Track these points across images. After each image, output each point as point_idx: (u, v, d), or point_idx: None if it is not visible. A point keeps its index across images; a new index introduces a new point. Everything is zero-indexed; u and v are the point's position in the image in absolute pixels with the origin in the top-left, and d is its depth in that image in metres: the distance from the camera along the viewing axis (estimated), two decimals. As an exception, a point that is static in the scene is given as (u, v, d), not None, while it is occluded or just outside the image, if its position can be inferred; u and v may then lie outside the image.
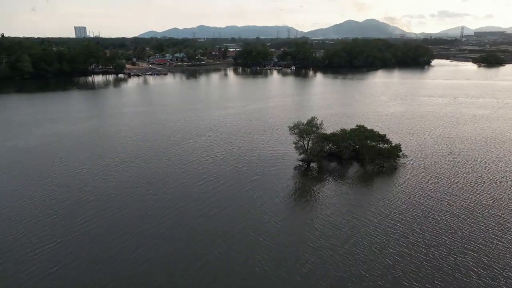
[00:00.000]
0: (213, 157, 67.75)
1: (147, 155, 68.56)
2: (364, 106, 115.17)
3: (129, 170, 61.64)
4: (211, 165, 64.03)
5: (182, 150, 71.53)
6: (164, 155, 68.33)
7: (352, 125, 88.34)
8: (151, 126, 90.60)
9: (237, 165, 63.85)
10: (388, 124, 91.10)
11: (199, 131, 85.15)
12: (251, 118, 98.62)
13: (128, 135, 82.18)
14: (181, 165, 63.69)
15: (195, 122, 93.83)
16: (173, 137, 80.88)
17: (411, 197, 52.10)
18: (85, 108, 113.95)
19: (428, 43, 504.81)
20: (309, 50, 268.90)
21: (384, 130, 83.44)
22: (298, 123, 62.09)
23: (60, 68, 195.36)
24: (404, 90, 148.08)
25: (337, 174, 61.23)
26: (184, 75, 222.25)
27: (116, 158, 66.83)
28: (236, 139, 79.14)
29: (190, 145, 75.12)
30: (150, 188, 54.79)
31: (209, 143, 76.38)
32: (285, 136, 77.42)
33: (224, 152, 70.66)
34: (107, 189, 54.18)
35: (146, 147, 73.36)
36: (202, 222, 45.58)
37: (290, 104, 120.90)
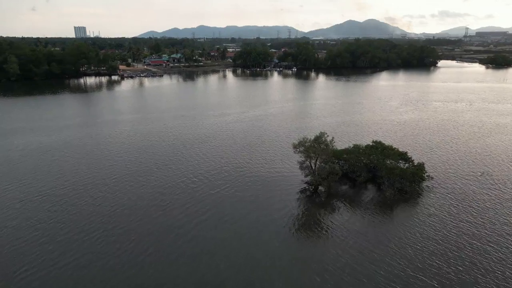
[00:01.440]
0: (203, 176, 57.68)
1: (121, 180, 58.45)
2: (374, 113, 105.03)
3: (92, 199, 51.58)
4: (200, 186, 54.02)
5: (167, 169, 61.43)
6: (144, 178, 58.14)
7: (363, 137, 79.52)
8: (133, 138, 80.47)
9: (230, 188, 53.83)
10: (402, 136, 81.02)
11: (189, 144, 74.99)
12: (249, 127, 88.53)
13: (104, 150, 72.02)
14: (163, 189, 53.68)
15: (185, 133, 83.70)
16: (158, 152, 70.66)
17: (441, 233, 42.15)
18: (67, 115, 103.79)
19: (431, 43, 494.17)
20: (311, 51, 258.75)
21: (399, 143, 73.60)
22: (304, 140, 52.00)
23: (49, 70, 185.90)
24: (415, 94, 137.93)
25: (349, 200, 51.24)
26: (181, 77, 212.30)
27: (79, 184, 56.69)
28: (231, 153, 69.00)
29: (176, 161, 64.99)
30: (121, 228, 44.81)
31: (199, 158, 66.23)
32: (287, 150, 67.61)
33: (216, 170, 60.59)
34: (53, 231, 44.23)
35: (121, 168, 63.23)
36: (184, 264, 35.73)
37: (292, 110, 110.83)
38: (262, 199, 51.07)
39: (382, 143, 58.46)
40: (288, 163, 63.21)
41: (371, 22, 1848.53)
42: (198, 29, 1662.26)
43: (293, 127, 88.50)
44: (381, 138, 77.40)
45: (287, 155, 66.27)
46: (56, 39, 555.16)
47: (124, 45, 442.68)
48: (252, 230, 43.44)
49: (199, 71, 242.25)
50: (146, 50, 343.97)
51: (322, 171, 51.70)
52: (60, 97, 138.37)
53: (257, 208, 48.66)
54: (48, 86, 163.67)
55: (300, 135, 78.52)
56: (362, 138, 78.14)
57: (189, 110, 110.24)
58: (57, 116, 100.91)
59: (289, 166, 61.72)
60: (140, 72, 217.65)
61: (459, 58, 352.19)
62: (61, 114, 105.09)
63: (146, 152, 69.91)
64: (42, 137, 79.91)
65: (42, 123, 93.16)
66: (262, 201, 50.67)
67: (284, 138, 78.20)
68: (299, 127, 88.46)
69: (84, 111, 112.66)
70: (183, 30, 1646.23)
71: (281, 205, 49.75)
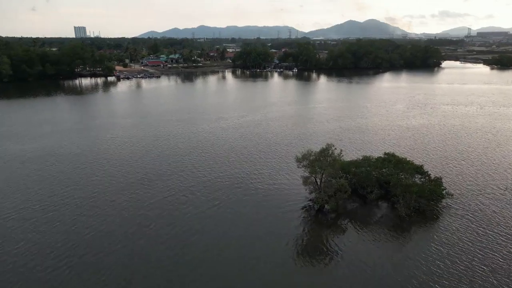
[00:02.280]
0: (192, 192, 51.93)
1: (101, 197, 52.72)
2: (380, 118, 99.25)
3: (61, 223, 45.89)
4: (189, 204, 48.26)
5: (154, 184, 55.67)
6: (126, 196, 52.30)
7: (370, 145, 73.74)
8: (120, 147, 74.71)
9: (223, 206, 48.12)
10: (412, 144, 75.25)
11: (181, 154, 69.11)
12: (247, 134, 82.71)
13: (88, 161, 66.24)
14: (147, 209, 47.94)
15: (178, 141, 77.87)
16: (146, 163, 64.91)
17: (465, 261, 36.46)
18: (56, 119, 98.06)
19: (432, 43, 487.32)
20: (313, 51, 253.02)
21: (409, 152, 67.95)
22: (308, 153, 46.23)
23: (43, 71, 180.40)
24: (421, 97, 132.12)
25: (359, 220, 45.52)
26: (179, 78, 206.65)
27: (51, 204, 50.98)
28: (226, 165, 63.14)
29: (165, 175, 59.25)
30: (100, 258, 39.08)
31: (191, 171, 60.37)
32: (288, 162, 61.97)
33: (208, 185, 54.84)
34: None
35: (103, 182, 57.51)
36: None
37: (293, 115, 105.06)
38: (259, 219, 45.42)
39: (396, 156, 52.66)
40: (289, 176, 57.52)
41: (371, 22, 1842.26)
42: (198, 29, 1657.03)
43: (294, 134, 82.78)
44: (389, 146, 72.21)
45: (289, 167, 60.61)
46: (56, 39, 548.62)
47: (123, 45, 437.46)
48: (248, 256, 37.85)
49: (197, 72, 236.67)
50: (145, 50, 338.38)
51: (329, 187, 45.95)
52: (51, 100, 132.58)
53: (254, 230, 43.05)
54: (41, 88, 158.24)
55: (302, 143, 73.40)
56: (369, 146, 72.49)
57: (184, 114, 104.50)
58: (45, 121, 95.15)
59: (290, 180, 56.03)
60: (137, 73, 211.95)
61: (462, 58, 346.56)
62: (49, 118, 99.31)
63: (133, 163, 64.08)
64: (24, 144, 74.20)
65: (27, 128, 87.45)
66: (260, 221, 45.02)
67: (285, 147, 72.47)
68: (300, 134, 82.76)
69: (74, 115, 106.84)
70: (184, 30, 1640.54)
71: (282, 225, 44.17)
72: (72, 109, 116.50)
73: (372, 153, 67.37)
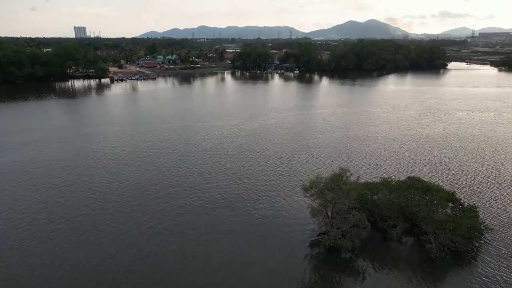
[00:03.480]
0: (174, 224, 43.51)
1: (63, 231, 44.40)
2: (391, 126, 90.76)
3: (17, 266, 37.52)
4: (169, 239, 39.85)
5: (130, 213, 47.26)
6: (99, 226, 44.05)
7: (384, 159, 64.82)
8: (98, 162, 66.31)
9: (211, 243, 39.72)
10: (431, 158, 66.75)
11: (165, 173, 60.58)
12: (244, 147, 74.18)
13: (60, 179, 57.89)
14: (120, 245, 39.54)
15: (165, 155, 69.30)
16: (124, 185, 56.46)
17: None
18: (34, 126, 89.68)
19: (435, 44, 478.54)
20: (314, 52, 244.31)
21: (428, 169, 59.52)
22: (317, 179, 37.80)
23: (32, 72, 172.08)
24: (432, 102, 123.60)
25: (380, 261, 37.14)
26: (175, 80, 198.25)
27: (10, 238, 42.66)
28: (217, 187, 54.49)
29: (143, 200, 50.82)
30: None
31: (173, 197, 51.97)
32: (291, 183, 53.60)
33: (195, 212, 46.46)
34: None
35: (72, 209, 49.15)
36: None
37: (295, 122, 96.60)
38: (256, 259, 37.10)
39: (422, 180, 44.14)
40: (293, 201, 49.05)
41: (372, 23, 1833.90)
42: (198, 30, 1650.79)
43: (297, 146, 74.27)
44: (405, 161, 63.80)
45: (292, 189, 52.21)
46: (56, 39, 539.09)
47: (121, 45, 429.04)
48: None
49: (195, 74, 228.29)
50: (143, 50, 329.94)
51: (343, 222, 37.50)
52: (37, 104, 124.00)
53: (249, 273, 34.73)
54: (29, 90, 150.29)
55: (306, 158, 64.73)
56: (383, 162, 64.01)
57: (177, 121, 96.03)
58: (22, 129, 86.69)
59: (294, 207, 47.58)
60: (131, 75, 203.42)
61: (468, 59, 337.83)
62: (29, 124, 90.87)
63: (109, 183, 55.55)
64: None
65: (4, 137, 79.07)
66: (257, 261, 36.71)
67: (287, 163, 63.95)
68: (304, 146, 74.27)
69: (58, 122, 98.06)
70: (184, 31, 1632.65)
71: (285, 267, 35.92)
72: (56, 115, 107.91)
73: (387, 170, 59.15)
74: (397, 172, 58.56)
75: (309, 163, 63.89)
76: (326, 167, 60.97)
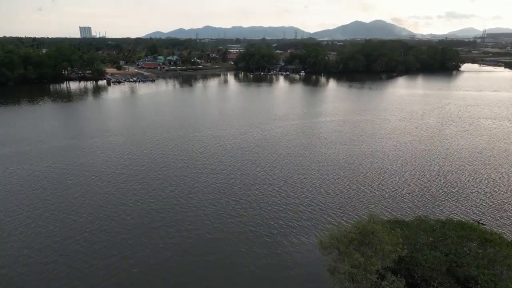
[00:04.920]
0: (148, 277, 33.76)
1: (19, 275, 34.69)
2: (411, 138, 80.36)
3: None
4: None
5: (98, 256, 37.58)
6: (69, 260, 34.28)
7: (413, 186, 53.79)
8: (69, 182, 56.77)
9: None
10: (465, 183, 56.28)
11: (144, 206, 50.94)
12: (241, 165, 64.07)
13: (23, 202, 48.32)
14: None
15: (150, 175, 59.61)
16: (95, 216, 46.78)
17: None
18: (18, 134, 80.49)
19: (444, 45, 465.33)
20: (322, 53, 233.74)
21: (465, 199, 49.15)
22: (339, 231, 27.76)
23: (24, 74, 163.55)
24: (452, 108, 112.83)
25: None
26: (175, 82, 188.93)
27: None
28: (206, 227, 44.73)
29: (115, 239, 41.06)
30: None
31: (160, 226, 42.19)
32: (298, 219, 43.60)
33: (175, 264, 36.66)
34: None
35: (33, 251, 39.50)
36: None
37: (302, 132, 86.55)
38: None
39: (479, 228, 33.77)
40: (300, 248, 38.97)
41: (377, 23, 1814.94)
42: (203, 30, 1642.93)
43: (305, 164, 64.19)
44: (436, 187, 53.18)
45: (300, 229, 42.14)
46: (62, 39, 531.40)
47: (123, 46, 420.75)
48: None
49: (197, 75, 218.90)
50: (144, 51, 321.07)
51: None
52: (24, 109, 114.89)
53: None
54: (20, 93, 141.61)
55: (318, 183, 53.94)
56: (412, 190, 53.58)
57: (172, 130, 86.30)
58: (4, 139, 77.55)
59: (304, 254, 37.56)
60: (129, 77, 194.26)
61: (480, 60, 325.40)
62: (12, 134, 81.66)
63: (78, 217, 45.90)
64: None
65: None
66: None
67: (293, 186, 53.93)
68: (313, 163, 64.17)
69: (35, 131, 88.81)
70: (189, 31, 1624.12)
71: None
72: (43, 122, 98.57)
73: (420, 203, 48.78)
74: (433, 206, 48.15)
75: (320, 188, 53.81)
76: (342, 197, 50.91)
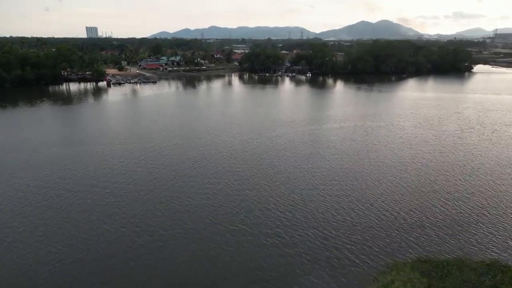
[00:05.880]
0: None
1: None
2: (430, 148, 73.05)
3: None
4: None
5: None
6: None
7: (441, 210, 46.82)
8: (40, 206, 50.42)
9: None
10: (503, 208, 49.07)
11: (136, 221, 44.47)
12: (244, 180, 57.54)
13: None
14: None
15: (131, 201, 53.23)
16: (79, 241, 40.32)
17: None
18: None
19: (453, 45, 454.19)
20: (329, 53, 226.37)
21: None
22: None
23: (22, 75, 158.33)
24: (471, 114, 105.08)
25: None
26: (178, 84, 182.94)
27: None
28: (193, 260, 38.13)
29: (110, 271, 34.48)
30: None
31: (143, 263, 35.63)
32: (306, 247, 36.71)
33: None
34: None
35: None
36: None
37: (310, 141, 79.59)
38: None
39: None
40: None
41: (384, 23, 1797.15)
42: (209, 30, 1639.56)
43: (314, 181, 57.30)
44: (469, 208, 45.83)
45: (302, 267, 35.31)
46: (68, 39, 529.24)
47: (127, 46, 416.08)
48: None
49: (200, 76, 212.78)
50: (148, 51, 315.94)
51: None
52: (14, 114, 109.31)
53: None
54: (15, 95, 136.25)
55: (327, 202, 46.80)
56: (439, 216, 46.41)
57: (169, 138, 79.77)
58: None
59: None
60: (130, 78, 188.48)
61: (492, 62, 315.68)
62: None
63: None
64: None
65: None
66: None
67: (301, 207, 47.07)
68: (323, 179, 57.26)
69: (25, 137, 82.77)
70: (195, 31, 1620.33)
71: None
72: (30, 129, 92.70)
73: (444, 228, 41.62)
74: (467, 240, 41.11)
75: (328, 212, 46.93)
76: (359, 227, 44.05)
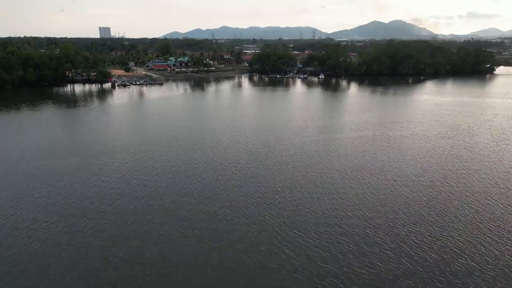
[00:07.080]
0: None
1: None
2: (465, 165, 63.99)
3: None
4: None
5: None
6: None
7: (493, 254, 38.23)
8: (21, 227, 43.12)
9: None
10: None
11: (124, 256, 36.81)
12: (249, 201, 49.55)
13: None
14: None
15: (130, 217, 45.64)
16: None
17: None
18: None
19: (471, 45, 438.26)
20: (344, 54, 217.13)
21: None
22: None
23: (23, 77, 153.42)
24: (503, 121, 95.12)
25: None
26: (184, 86, 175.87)
27: None
28: None
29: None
30: None
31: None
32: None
33: None
34: None
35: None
36: None
37: (324, 154, 71.07)
38: None
39: None
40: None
41: (396, 23, 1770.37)
42: (220, 30, 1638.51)
43: (328, 209, 49.07)
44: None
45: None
46: (80, 39, 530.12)
47: (133, 47, 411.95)
48: None
49: (209, 78, 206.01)
50: (156, 51, 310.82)
51: None
52: (28, 116, 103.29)
53: None
54: (13, 98, 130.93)
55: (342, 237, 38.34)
56: (484, 255, 37.73)
57: (167, 147, 72.36)
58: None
59: None
60: (136, 79, 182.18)
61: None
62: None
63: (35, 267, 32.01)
64: None
65: None
66: None
67: (314, 238, 38.82)
68: (341, 208, 48.98)
69: (17, 146, 76.22)
70: (206, 31, 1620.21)
71: None
72: (22, 137, 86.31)
73: (496, 269, 32.72)
74: None
75: (354, 250, 38.62)
76: (391, 273, 35.64)
